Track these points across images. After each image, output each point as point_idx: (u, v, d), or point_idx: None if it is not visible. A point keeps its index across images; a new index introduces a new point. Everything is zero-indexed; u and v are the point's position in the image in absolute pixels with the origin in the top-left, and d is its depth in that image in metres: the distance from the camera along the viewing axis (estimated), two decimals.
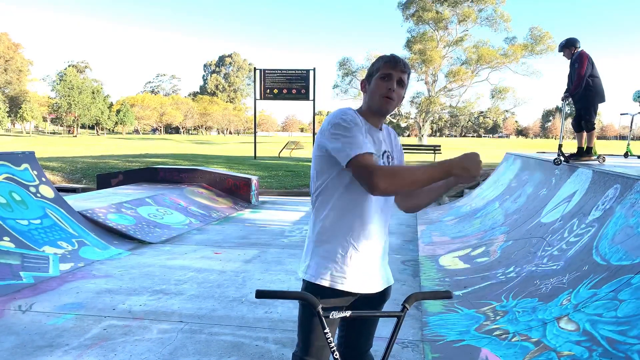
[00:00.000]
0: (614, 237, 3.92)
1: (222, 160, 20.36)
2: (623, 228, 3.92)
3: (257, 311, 4.13)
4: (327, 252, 1.84)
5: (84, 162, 17.45)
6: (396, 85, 1.80)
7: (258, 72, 20.74)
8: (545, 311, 3.58)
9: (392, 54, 1.86)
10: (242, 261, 5.85)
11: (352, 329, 2.06)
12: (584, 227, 4.53)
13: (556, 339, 3.14)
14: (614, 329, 2.90)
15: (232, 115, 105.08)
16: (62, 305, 4.20)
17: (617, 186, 4.58)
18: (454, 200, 10.75)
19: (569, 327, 3.19)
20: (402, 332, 3.71)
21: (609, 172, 5.05)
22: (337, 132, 1.72)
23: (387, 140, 1.97)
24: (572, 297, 3.55)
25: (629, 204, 4.13)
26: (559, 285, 3.85)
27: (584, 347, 2.90)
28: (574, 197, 5.41)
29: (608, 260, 3.67)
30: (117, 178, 11.45)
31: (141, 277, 5.12)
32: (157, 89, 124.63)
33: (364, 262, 1.85)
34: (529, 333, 3.37)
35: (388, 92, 1.79)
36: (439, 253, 6.20)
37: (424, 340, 3.58)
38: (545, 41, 40.61)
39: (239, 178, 11.11)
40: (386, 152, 1.92)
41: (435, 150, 21.61)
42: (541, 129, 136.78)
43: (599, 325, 3.02)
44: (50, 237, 5.79)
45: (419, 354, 3.37)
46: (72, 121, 76.31)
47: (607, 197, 4.63)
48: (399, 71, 1.80)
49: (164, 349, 3.37)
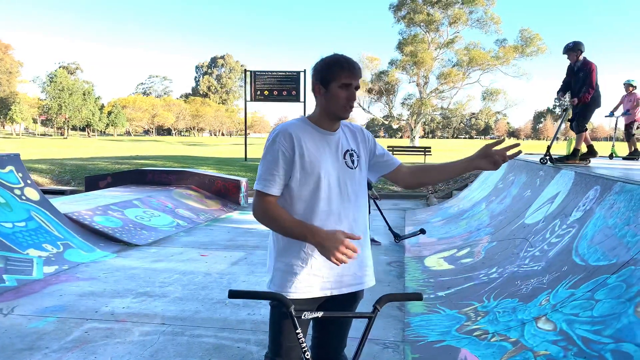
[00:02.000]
0: (593, 237, 3.97)
1: (213, 162, 20.33)
2: (602, 229, 3.97)
3: (240, 313, 4.13)
4: (286, 266, 1.88)
5: (73, 164, 17.35)
6: (354, 91, 1.85)
7: (249, 73, 20.75)
8: (525, 311, 3.62)
9: (347, 58, 1.86)
10: (228, 263, 5.85)
11: (324, 330, 2.08)
12: (565, 228, 4.58)
13: (533, 338, 3.17)
14: (589, 328, 2.94)
15: (224, 117, 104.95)
16: (44, 309, 4.18)
17: (597, 187, 4.64)
18: (442, 202, 10.80)
19: (547, 327, 3.23)
20: (384, 333, 3.74)
21: (589, 173, 5.11)
22: (263, 156, 1.87)
23: (351, 139, 1.97)
24: (551, 297, 3.59)
25: (608, 205, 4.18)
26: (539, 286, 3.89)
27: (559, 346, 2.94)
28: (556, 198, 5.46)
29: (586, 261, 3.72)
30: (105, 180, 11.40)
31: (126, 279, 5.11)
32: (149, 90, 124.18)
33: (325, 268, 1.86)
34: (508, 333, 3.40)
35: (350, 102, 1.83)
36: (424, 254, 6.23)
37: (405, 341, 3.61)
38: (535, 43, 40.89)
39: (228, 180, 11.10)
40: (348, 152, 1.92)
41: (425, 151, 21.71)
42: (532, 130, 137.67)
43: (575, 324, 3.06)
44: (35, 239, 5.76)
45: (399, 354, 3.40)
46: (63, 123, 75.88)
47: (588, 198, 4.68)
48: (357, 79, 1.84)
49: (145, 352, 3.37)
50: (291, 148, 1.81)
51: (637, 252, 3.28)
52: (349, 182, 1.90)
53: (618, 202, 4.08)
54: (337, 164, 1.88)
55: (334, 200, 1.86)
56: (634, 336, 2.61)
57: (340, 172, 1.88)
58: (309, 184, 1.84)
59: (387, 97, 45.72)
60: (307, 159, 1.82)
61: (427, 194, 12.83)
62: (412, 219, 9.06)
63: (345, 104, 1.83)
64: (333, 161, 1.87)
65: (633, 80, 9.58)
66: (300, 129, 1.86)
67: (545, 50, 41.01)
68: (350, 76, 1.81)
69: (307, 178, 1.83)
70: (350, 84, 1.81)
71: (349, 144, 1.95)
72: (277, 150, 1.80)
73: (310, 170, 1.82)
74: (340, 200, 1.87)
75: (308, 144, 1.83)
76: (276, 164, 1.81)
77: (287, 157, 1.81)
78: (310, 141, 1.84)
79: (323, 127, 1.89)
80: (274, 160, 1.81)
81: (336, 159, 1.88)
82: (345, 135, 1.96)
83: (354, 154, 1.94)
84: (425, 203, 11.88)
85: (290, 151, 1.81)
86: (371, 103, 46.81)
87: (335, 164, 1.87)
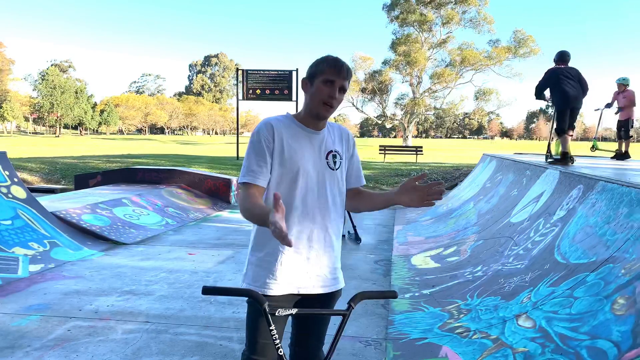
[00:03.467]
0: (574, 236, 4.01)
1: (205, 160, 20.29)
2: (583, 227, 4.01)
3: (224, 311, 4.14)
4: (259, 260, 1.89)
5: (64, 163, 17.26)
6: (337, 92, 1.81)
7: (241, 72, 20.72)
8: (507, 309, 3.65)
9: (336, 58, 1.84)
10: (215, 262, 5.85)
11: (301, 328, 2.08)
12: (549, 227, 4.62)
13: (513, 335, 3.20)
14: (567, 325, 2.97)
15: (217, 116, 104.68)
16: (27, 307, 4.17)
17: (580, 187, 4.68)
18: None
19: (527, 325, 3.26)
20: (367, 331, 3.76)
21: (573, 172, 5.16)
22: (248, 149, 1.86)
23: (337, 141, 1.96)
24: (532, 295, 3.62)
25: (590, 204, 4.23)
26: (521, 284, 3.92)
27: (538, 343, 2.97)
28: (541, 197, 5.51)
29: (567, 259, 3.76)
30: (95, 179, 11.35)
31: (112, 277, 5.10)
32: (142, 88, 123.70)
33: (293, 266, 1.87)
34: (489, 330, 3.43)
35: (329, 99, 1.80)
36: (411, 253, 6.27)
37: (387, 339, 3.63)
38: (528, 44, 41.14)
39: (219, 179, 11.09)
40: (332, 152, 1.91)
41: (417, 151, 21.80)
42: (525, 130, 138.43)
43: (554, 322, 3.09)
44: (21, 238, 5.73)
45: (381, 352, 3.42)
46: (55, 121, 75.39)
47: (571, 197, 4.73)
48: (342, 78, 1.80)
49: (127, 349, 3.37)
50: (272, 140, 1.82)
51: (616, 250, 3.32)
52: (329, 183, 1.90)
53: (599, 201, 4.13)
54: (319, 163, 1.88)
55: (310, 199, 1.86)
56: (610, 333, 2.64)
57: (321, 171, 1.88)
58: (286, 181, 1.84)
59: (380, 96, 45.84)
60: (287, 154, 1.82)
61: None
62: (402, 217, 9.10)
63: (325, 100, 1.80)
64: (314, 160, 1.86)
65: (626, 79, 9.66)
66: (284, 125, 1.87)
67: (538, 52, 41.28)
68: (334, 73, 1.79)
69: (284, 174, 1.83)
70: (334, 81, 1.79)
71: (333, 145, 1.93)
72: (259, 142, 1.82)
73: (288, 166, 1.83)
74: (317, 200, 1.87)
75: (289, 139, 1.84)
76: (257, 154, 1.81)
77: (269, 148, 1.82)
78: (291, 137, 1.85)
79: (307, 126, 1.88)
80: (255, 152, 1.82)
81: (318, 158, 1.88)
82: (331, 136, 1.95)
83: (337, 155, 1.93)
84: None
85: (271, 143, 1.82)
86: (365, 103, 46.92)
87: (317, 163, 1.87)
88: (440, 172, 15.40)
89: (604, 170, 5.90)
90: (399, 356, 3.36)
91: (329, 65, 1.81)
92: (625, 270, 3.03)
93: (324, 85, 1.80)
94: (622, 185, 3.94)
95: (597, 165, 7.29)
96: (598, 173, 5.05)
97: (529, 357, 2.90)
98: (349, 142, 2.01)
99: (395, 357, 3.34)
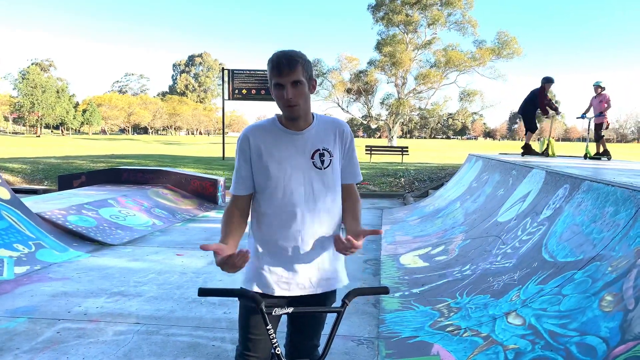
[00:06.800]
0: (561, 235, 4.08)
1: (191, 160, 20.15)
2: (570, 226, 4.08)
3: (216, 312, 4.13)
4: (254, 262, 1.92)
5: (47, 163, 16.99)
6: (292, 87, 1.74)
7: (227, 72, 20.62)
8: (496, 307, 3.70)
9: (277, 56, 1.75)
10: (204, 262, 5.82)
11: (296, 327, 2.09)
12: (536, 226, 4.69)
13: (503, 333, 3.25)
14: (556, 322, 3.03)
15: (202, 116, 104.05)
16: (15, 309, 4.11)
17: (566, 186, 4.77)
18: (419, 201, 10.92)
19: (516, 322, 3.31)
20: (358, 330, 3.78)
21: (559, 172, 5.25)
22: (236, 159, 1.93)
23: (325, 137, 1.90)
24: (521, 293, 3.68)
25: (576, 203, 4.31)
26: (510, 282, 3.98)
27: (528, 340, 3.02)
28: (528, 196, 5.59)
29: (555, 257, 3.82)
30: (79, 179, 11.20)
31: (100, 279, 5.05)
32: (125, 88, 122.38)
33: (289, 268, 1.89)
34: (479, 328, 3.48)
35: (286, 102, 1.76)
36: (400, 252, 6.31)
37: (379, 337, 3.66)
38: (512, 46, 41.60)
39: (205, 179, 11.02)
40: (318, 151, 1.87)
41: (403, 151, 21.91)
42: (508, 130, 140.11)
43: (543, 319, 3.15)
44: (6, 239, 5.63)
45: (373, 350, 3.44)
46: (36, 121, 74.15)
47: (558, 196, 4.81)
48: (286, 76, 1.72)
49: (118, 351, 3.35)
50: (248, 149, 1.86)
51: (603, 249, 3.40)
52: (316, 183, 1.86)
53: (586, 200, 4.21)
54: (304, 164, 1.85)
55: (297, 201, 1.84)
56: (598, 329, 2.70)
57: (307, 172, 1.85)
58: (270, 186, 1.85)
59: (365, 97, 45.97)
60: (264, 161, 1.83)
61: (404, 193, 12.95)
62: (389, 217, 9.15)
63: (284, 103, 1.77)
64: (299, 162, 1.84)
65: (601, 82, 9.88)
66: (265, 130, 1.87)
67: (521, 52, 41.78)
68: (277, 75, 1.72)
69: (266, 179, 1.85)
70: (279, 83, 1.73)
71: (321, 143, 1.88)
72: (238, 152, 1.89)
73: (270, 172, 1.83)
74: (305, 201, 1.85)
75: (269, 145, 1.84)
76: (238, 165, 1.90)
77: (246, 159, 1.88)
78: (272, 142, 1.84)
79: (288, 127, 1.86)
80: (237, 163, 1.91)
81: (303, 159, 1.85)
82: (318, 134, 1.89)
83: (325, 153, 1.88)
84: (402, 202, 11.99)
85: (247, 153, 1.87)
86: (350, 103, 47.00)
87: (302, 164, 1.85)
88: (426, 171, 15.51)
89: (588, 170, 6.00)
90: (391, 354, 3.38)
91: (271, 68, 1.74)
92: (612, 268, 3.10)
93: (276, 89, 1.77)
94: (608, 185, 4.02)
95: (582, 165, 7.42)
96: (584, 173, 5.14)
97: (519, 354, 2.95)
98: (342, 136, 1.94)
99: (388, 356, 3.37)
